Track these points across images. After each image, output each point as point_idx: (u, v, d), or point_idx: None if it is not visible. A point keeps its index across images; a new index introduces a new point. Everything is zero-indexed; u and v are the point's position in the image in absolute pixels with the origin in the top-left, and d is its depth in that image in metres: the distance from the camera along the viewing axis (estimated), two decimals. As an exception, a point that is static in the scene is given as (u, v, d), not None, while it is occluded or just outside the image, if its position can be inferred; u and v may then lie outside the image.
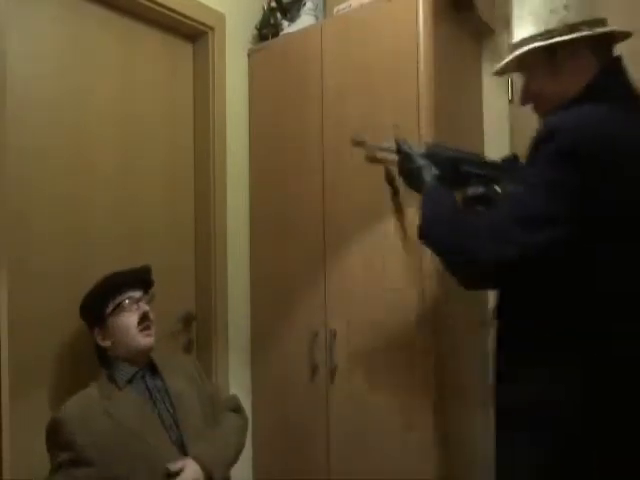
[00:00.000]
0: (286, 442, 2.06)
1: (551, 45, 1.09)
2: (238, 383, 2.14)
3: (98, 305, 1.56)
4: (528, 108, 1.23)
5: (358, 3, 1.94)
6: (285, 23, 2.19)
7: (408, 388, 1.72)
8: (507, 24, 2.08)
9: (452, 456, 1.71)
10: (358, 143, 1.55)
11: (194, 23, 2.05)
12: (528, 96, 1.20)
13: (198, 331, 2.11)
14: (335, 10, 2.03)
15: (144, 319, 1.57)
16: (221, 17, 2.13)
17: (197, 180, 2.14)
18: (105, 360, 1.58)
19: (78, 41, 1.77)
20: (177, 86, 2.10)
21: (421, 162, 1.33)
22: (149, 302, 1.64)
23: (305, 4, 2.14)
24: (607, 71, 1.09)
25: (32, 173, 1.63)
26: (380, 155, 1.52)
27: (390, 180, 1.66)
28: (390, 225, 1.79)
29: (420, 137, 1.73)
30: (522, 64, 1.18)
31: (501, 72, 1.28)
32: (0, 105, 1.46)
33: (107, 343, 1.57)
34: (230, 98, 2.17)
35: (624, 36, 1.15)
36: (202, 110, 2.13)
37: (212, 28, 2.10)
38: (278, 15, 2.21)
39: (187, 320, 2.07)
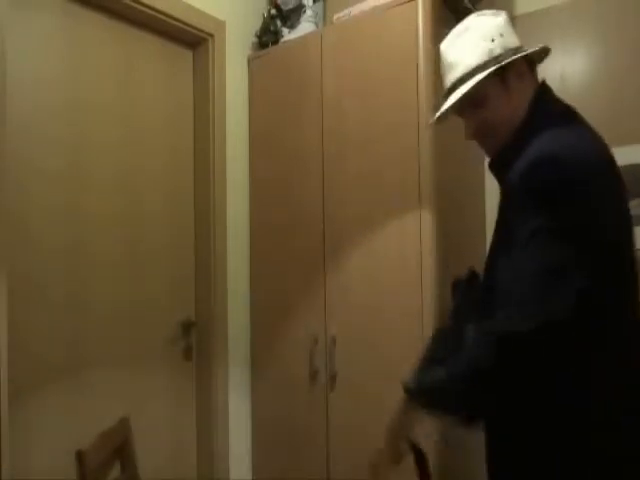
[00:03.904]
0: (286, 448, 2.04)
1: (502, 67, 1.08)
2: (238, 389, 2.13)
3: None
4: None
5: (358, 10, 1.96)
6: (285, 30, 2.21)
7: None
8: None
9: (450, 457, 1.70)
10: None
11: (194, 30, 2.06)
12: (485, 131, 1.14)
13: (198, 337, 2.10)
14: (335, 17, 2.04)
15: None
16: (221, 24, 2.14)
17: (197, 187, 2.14)
18: None
19: (79, 48, 1.78)
20: (177, 93, 2.11)
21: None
22: None
23: (305, 11, 2.16)
24: (543, 89, 1.11)
25: (31, 180, 1.63)
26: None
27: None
28: (390, 231, 1.80)
29: (419, 141, 1.74)
30: (473, 98, 1.12)
31: (442, 118, 1.22)
32: (0, 111, 1.46)
33: None
34: (230, 105, 2.18)
35: (540, 58, 1.18)
36: (202, 117, 2.13)
37: (212, 35, 2.11)
38: (278, 22, 2.23)
39: (187, 326, 2.07)
